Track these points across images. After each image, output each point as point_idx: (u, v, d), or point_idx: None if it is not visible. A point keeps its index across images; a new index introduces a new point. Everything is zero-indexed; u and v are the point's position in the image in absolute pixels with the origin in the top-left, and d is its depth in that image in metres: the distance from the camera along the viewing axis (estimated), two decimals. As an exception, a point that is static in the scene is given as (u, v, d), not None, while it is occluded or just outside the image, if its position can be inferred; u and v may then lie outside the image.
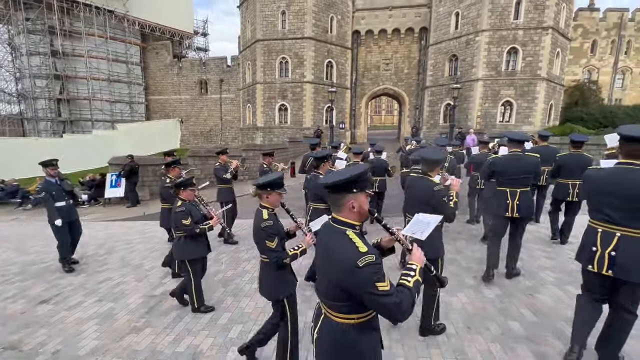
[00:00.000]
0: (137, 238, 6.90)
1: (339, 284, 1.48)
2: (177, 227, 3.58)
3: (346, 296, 1.49)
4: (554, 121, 23.74)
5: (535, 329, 3.08)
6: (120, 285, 4.56)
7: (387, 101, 65.37)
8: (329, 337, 1.58)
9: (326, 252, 1.58)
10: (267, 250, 2.48)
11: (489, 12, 21.45)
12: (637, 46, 28.72)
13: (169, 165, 4.98)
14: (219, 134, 34.23)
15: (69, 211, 5.19)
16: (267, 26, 24.95)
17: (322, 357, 1.63)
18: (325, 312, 1.62)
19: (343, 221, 1.56)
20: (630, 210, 2.24)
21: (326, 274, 1.57)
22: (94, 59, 29.50)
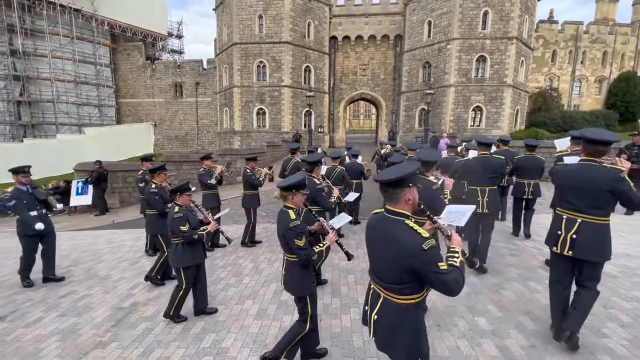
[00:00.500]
0: (104, 248, 6.57)
1: (406, 266, 1.66)
2: (174, 233, 3.46)
3: (411, 277, 1.69)
4: (520, 125, 25.16)
5: (499, 324, 3.24)
6: (85, 299, 4.31)
7: (365, 105, 66.48)
8: (392, 316, 1.78)
9: (387, 240, 1.74)
10: (297, 249, 2.53)
11: (458, 21, 22.50)
12: (591, 56, 31.13)
13: (154, 171, 4.71)
14: (195, 138, 33.37)
15: (43, 222, 4.75)
16: (244, 30, 24.77)
17: (384, 334, 1.82)
18: (384, 296, 1.81)
19: (398, 212, 1.76)
20: (590, 199, 2.60)
21: (388, 261, 1.74)
22: (59, 60, 27.94)
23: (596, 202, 2.60)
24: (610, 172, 2.55)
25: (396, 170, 1.80)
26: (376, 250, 1.85)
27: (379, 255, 1.83)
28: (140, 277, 4.93)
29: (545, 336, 3.00)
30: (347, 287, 4.25)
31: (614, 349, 2.78)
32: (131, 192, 11.09)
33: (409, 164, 1.95)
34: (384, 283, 1.80)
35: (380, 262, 1.83)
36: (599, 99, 31.64)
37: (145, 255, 5.99)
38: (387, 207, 1.81)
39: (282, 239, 2.61)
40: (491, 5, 22.08)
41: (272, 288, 4.33)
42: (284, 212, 2.60)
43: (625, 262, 4.55)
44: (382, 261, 1.81)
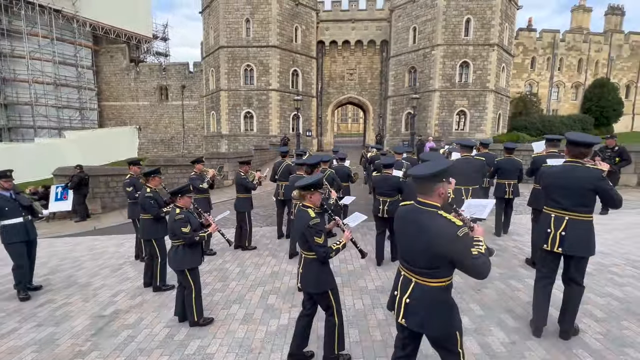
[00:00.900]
0: (85, 255, 6.37)
1: (441, 252, 1.80)
2: (176, 235, 3.45)
3: (444, 263, 1.84)
4: (502, 129, 25.93)
5: (481, 322, 3.33)
6: (64, 307, 4.17)
7: (352, 109, 67.10)
8: (425, 298, 1.91)
9: (422, 230, 1.87)
10: (316, 246, 2.60)
11: (442, 28, 23.10)
12: (568, 63, 32.51)
13: (149, 174, 4.60)
14: (181, 142, 32.82)
15: (27, 229, 4.53)
16: (231, 33, 24.66)
17: (417, 316, 1.93)
18: (415, 280, 1.94)
19: (431, 204, 1.90)
20: (576, 198, 2.77)
21: (423, 248, 1.87)
22: (38, 61, 27.04)
23: (581, 200, 2.77)
24: (593, 172, 2.74)
25: (432, 165, 1.94)
26: (409, 239, 1.97)
27: (412, 243, 1.94)
28: (122, 284, 4.81)
29: (525, 333, 3.09)
30: (334, 290, 4.26)
31: (589, 344, 2.89)
32: (114, 198, 10.80)
33: (443, 160, 2.16)
34: (416, 269, 1.94)
35: (413, 250, 1.95)
36: (576, 104, 33.01)
37: (128, 261, 5.85)
38: (419, 199, 1.96)
39: (301, 237, 2.67)
40: (473, 13, 22.79)
41: (258, 292, 4.30)
42: (303, 210, 2.67)
43: (599, 259, 4.74)
44: (415, 249, 1.93)
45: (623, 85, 33.95)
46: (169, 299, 4.24)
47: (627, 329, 3.08)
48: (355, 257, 5.38)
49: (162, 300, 4.24)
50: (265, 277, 4.81)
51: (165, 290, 4.51)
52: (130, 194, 5.49)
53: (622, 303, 3.54)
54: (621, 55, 33.85)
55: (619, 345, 2.85)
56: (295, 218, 2.77)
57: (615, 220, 6.70)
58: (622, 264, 4.57)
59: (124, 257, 6.06)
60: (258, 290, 4.37)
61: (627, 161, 7.33)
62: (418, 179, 1.95)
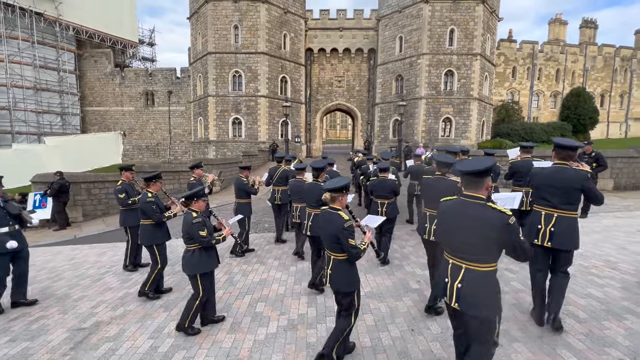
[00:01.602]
0: (64, 265, 6.11)
1: (495, 238, 2.03)
2: (193, 239, 3.41)
3: (495, 248, 2.07)
4: (486, 136, 26.68)
5: (469, 325, 3.36)
6: (40, 321, 3.97)
7: (341, 116, 67.76)
8: (476, 282, 2.09)
9: (475, 220, 2.08)
10: (349, 247, 2.67)
11: (428, 37, 23.76)
12: (547, 73, 33.92)
13: (150, 179, 4.49)
14: (167, 148, 32.26)
15: (15, 239, 4.26)
16: (220, 39, 24.62)
17: (470, 297, 2.09)
18: (465, 267, 2.13)
19: (478, 197, 2.13)
20: (564, 197, 3.03)
21: (477, 236, 2.07)
22: (17, 65, 26.20)
23: (569, 198, 3.04)
24: (580, 173, 3.03)
25: (481, 162, 2.16)
26: (461, 229, 2.16)
27: (465, 233, 2.13)
28: (103, 295, 4.62)
29: (511, 335, 3.13)
30: (322, 296, 4.23)
31: (572, 344, 2.96)
32: (96, 205, 10.46)
33: (488, 158, 2.42)
34: (468, 256, 2.13)
35: (465, 239, 2.14)
36: (555, 111, 34.37)
37: (110, 271, 5.64)
38: (467, 193, 2.17)
39: (332, 239, 2.72)
40: (457, 23, 23.56)
41: (246, 300, 4.22)
42: (334, 213, 2.74)
43: (581, 261, 4.89)
44: (469, 238, 2.12)
45: (598, 95, 35.62)
46: (153, 309, 4.10)
47: (608, 329, 3.17)
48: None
49: (146, 310, 4.10)
50: (254, 284, 4.73)
51: (151, 299, 4.37)
52: (123, 200, 5.33)
53: (602, 304, 3.65)
54: (595, 66, 35.59)
55: (601, 345, 2.92)
56: (323, 221, 2.82)
57: (594, 224, 6.94)
58: (601, 265, 4.72)
59: (106, 267, 5.84)
60: (246, 298, 4.29)
61: (603, 166, 7.63)
62: (469, 174, 2.14)
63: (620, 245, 5.53)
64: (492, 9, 24.76)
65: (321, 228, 2.86)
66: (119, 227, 9.03)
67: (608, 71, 36.00)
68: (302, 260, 5.63)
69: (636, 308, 3.52)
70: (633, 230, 6.41)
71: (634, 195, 9.91)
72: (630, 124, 37.66)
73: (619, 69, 36.34)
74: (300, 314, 3.79)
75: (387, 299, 4.01)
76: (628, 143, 18.77)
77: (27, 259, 4.49)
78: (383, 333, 3.31)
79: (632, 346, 2.89)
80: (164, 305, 4.20)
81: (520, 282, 4.27)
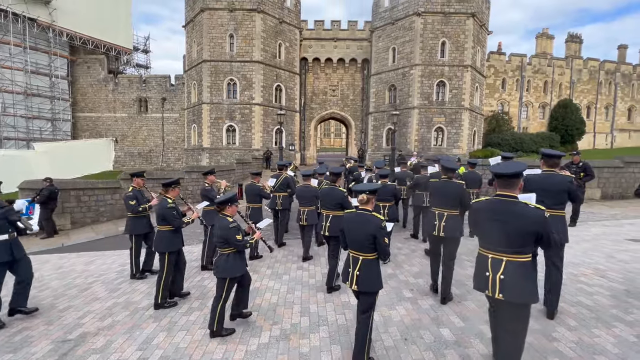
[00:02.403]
0: (50, 274, 5.94)
1: (534, 232, 2.32)
2: (229, 243, 3.51)
3: (533, 240, 2.35)
4: (477, 145, 27.12)
5: (462, 334, 3.36)
6: (24, 332, 3.84)
7: (335, 125, 68.31)
8: (517, 271, 2.33)
9: (515, 216, 2.34)
10: (385, 246, 2.82)
11: (420, 49, 24.29)
12: (535, 85, 34.86)
13: (169, 185, 4.48)
14: (160, 155, 31.98)
15: (13, 247, 4.12)
16: (215, 47, 24.76)
17: (513, 285, 2.32)
18: (506, 259, 2.37)
19: (513, 195, 2.42)
20: (555, 198, 3.48)
21: (517, 231, 2.33)
22: (8, 70, 25.88)
23: (558, 199, 3.51)
24: (565, 177, 3.60)
25: (515, 165, 2.49)
26: (501, 224, 2.38)
27: (504, 228, 2.37)
28: (90, 305, 4.50)
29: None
30: (316, 306, 4.19)
31: (564, 352, 2.98)
32: (85, 213, 10.26)
33: (519, 163, 2.79)
34: (509, 249, 2.37)
35: (504, 233, 2.37)
36: (544, 122, 35.21)
37: (98, 280, 5.51)
38: (502, 192, 2.44)
39: (369, 239, 2.83)
40: (448, 36, 24.18)
41: (238, 310, 4.15)
42: (369, 215, 2.90)
43: (571, 270, 4.96)
44: (507, 232, 2.36)
45: (584, 106, 36.68)
46: (142, 319, 4.01)
47: (597, 336, 3.21)
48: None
49: (135, 321, 4.00)
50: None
51: (169, 307, 4.30)
52: (134, 207, 5.26)
53: (592, 311, 3.70)
54: (581, 78, 36.74)
55: (591, 353, 2.95)
56: (358, 222, 2.92)
57: (583, 232, 7.07)
58: (590, 274, 4.80)
59: (94, 276, 5.71)
60: (238, 307, 4.22)
61: (590, 176, 7.81)
62: (505, 176, 2.44)
63: (608, 254, 5.63)
64: (482, 22, 25.51)
65: (356, 229, 2.89)
66: (109, 236, 8.89)
67: (593, 84, 37.17)
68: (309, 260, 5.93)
69: (625, 316, 3.57)
70: (620, 239, 6.54)
71: (621, 204, 10.14)
72: (616, 135, 38.75)
73: (603, 82, 37.56)
74: (293, 324, 3.75)
75: (380, 308, 4.00)
76: (614, 153, 19.28)
77: (28, 266, 4.34)
78: (376, 342, 3.29)
79: (621, 354, 2.92)
80: (153, 316, 4.11)
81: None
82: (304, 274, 5.30)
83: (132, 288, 5.07)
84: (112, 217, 10.65)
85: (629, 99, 38.93)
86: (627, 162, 10.99)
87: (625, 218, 8.39)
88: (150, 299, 4.57)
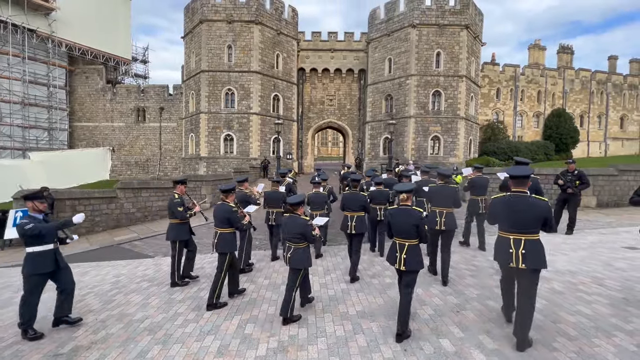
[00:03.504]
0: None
1: (543, 218, 3.14)
2: (307, 238, 4.14)
3: (540, 223, 3.16)
4: (473, 154, 27.36)
5: (462, 344, 3.32)
6: (14, 346, 3.73)
7: (332, 134, 68.69)
8: (535, 247, 3.14)
9: (531, 206, 3.16)
10: (426, 232, 3.69)
11: (415, 60, 24.72)
12: (529, 94, 35.47)
13: (228, 191, 4.83)
14: (157, 164, 31.90)
15: (57, 256, 4.03)
16: (213, 58, 25.04)
17: (532, 257, 3.10)
18: (525, 238, 3.14)
19: (525, 191, 3.23)
20: None
21: (532, 217, 3.14)
22: (6, 80, 25.95)
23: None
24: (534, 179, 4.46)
25: (525, 170, 3.37)
26: (519, 214, 3.17)
27: (522, 215, 3.16)
28: (84, 317, 4.40)
29: (504, 355, 3.11)
30: (314, 316, 4.13)
31: (564, 362, 2.95)
32: (81, 223, 10.13)
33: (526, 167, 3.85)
34: (525, 230, 3.15)
35: (522, 219, 3.16)
36: (538, 131, 35.69)
37: (92, 292, 5.40)
38: (516, 189, 3.25)
39: (413, 228, 3.54)
40: (442, 47, 24.66)
41: (235, 321, 4.08)
42: (410, 209, 3.62)
43: (569, 278, 4.95)
44: (526, 218, 3.15)
45: (577, 115, 37.29)
46: (136, 332, 3.93)
47: (598, 346, 3.18)
48: (336, 281, 5.30)
49: (129, 334, 3.92)
50: (243, 304, 4.60)
51: (220, 307, 4.47)
52: (181, 214, 5.32)
53: (591, 320, 3.68)
54: (573, 88, 37.47)
55: (591, 363, 2.91)
56: (403, 215, 3.61)
57: (580, 240, 7.09)
58: (588, 282, 4.79)
59: (88, 287, 5.60)
60: (235, 319, 4.15)
61: (586, 184, 7.88)
62: (519, 177, 3.25)
63: (605, 262, 5.64)
64: (476, 34, 26.08)
65: (401, 221, 3.61)
66: (104, 246, 8.78)
67: (585, 93, 37.89)
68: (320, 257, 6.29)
69: (624, 325, 3.55)
70: (617, 246, 6.56)
71: (616, 212, 10.21)
72: (609, 143, 39.31)
73: (595, 92, 38.30)
74: (290, 335, 3.69)
75: (379, 318, 3.95)
76: (608, 161, 19.54)
77: (70, 274, 4.26)
78: (375, 354, 3.24)
79: (622, 364, 2.89)
80: (148, 329, 4.03)
81: (511, 300, 4.28)
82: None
83: (127, 300, 4.98)
84: (107, 227, 10.53)
85: (621, 108, 39.67)
86: (621, 170, 11.12)
87: (621, 225, 8.43)
88: (144, 311, 4.49)
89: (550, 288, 4.60)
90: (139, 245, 8.79)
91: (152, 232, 10.05)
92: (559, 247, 6.64)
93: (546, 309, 3.96)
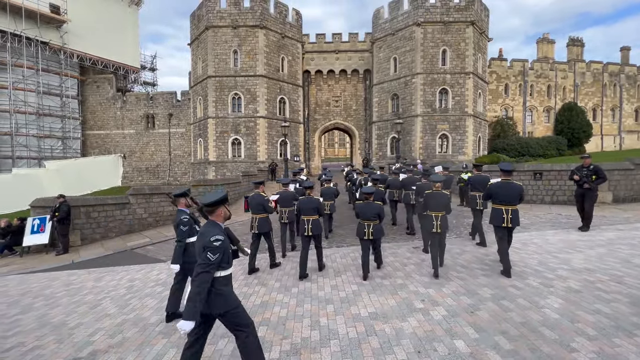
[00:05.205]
0: (61, 291, 5.98)
1: (520, 194, 5.16)
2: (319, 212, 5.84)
3: (520, 198, 5.18)
4: (483, 151, 26.96)
5: (477, 345, 3.27)
6: (35, 351, 3.84)
7: (339, 135, 68.67)
8: (515, 213, 5.16)
9: (514, 188, 5.16)
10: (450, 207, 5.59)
11: (421, 58, 24.54)
12: (538, 89, 34.78)
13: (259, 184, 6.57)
14: (167, 169, 32.41)
15: None
16: (219, 63, 25.36)
17: (514, 219, 5.17)
18: (511, 208, 5.14)
19: (511, 179, 5.33)
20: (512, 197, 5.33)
21: (516, 194, 5.14)
22: (21, 92, 26.80)
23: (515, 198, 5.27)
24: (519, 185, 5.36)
25: (510, 165, 5.43)
26: (509, 191, 5.13)
27: (510, 193, 5.12)
28: (101, 322, 4.51)
29: (521, 356, 3.05)
30: (326, 318, 4.13)
31: (584, 363, 2.87)
32: (95, 229, 10.37)
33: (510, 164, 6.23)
34: (512, 203, 5.12)
35: (510, 195, 5.11)
36: (549, 126, 34.95)
37: (108, 296, 5.52)
38: (505, 178, 5.26)
39: (446, 205, 5.40)
40: (448, 44, 24.43)
41: (248, 324, 4.10)
42: (444, 194, 5.43)
43: (586, 276, 4.83)
44: (511, 194, 5.11)
45: (589, 109, 36.39)
46: (152, 336, 3.99)
47: (619, 346, 3.09)
48: (347, 283, 5.29)
49: (145, 337, 3.99)
50: (255, 307, 4.62)
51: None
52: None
53: (611, 320, 3.57)
54: (585, 81, 36.59)
55: (613, 364, 2.84)
56: (438, 198, 5.40)
57: (597, 237, 6.91)
58: (606, 280, 4.66)
59: (104, 292, 5.73)
60: (247, 322, 4.18)
61: (602, 179, 7.67)
62: (507, 171, 5.25)
63: (624, 259, 5.48)
64: (482, 30, 25.75)
65: (436, 202, 5.33)
66: (118, 251, 8.96)
67: (598, 86, 36.96)
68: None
69: (646, 324, 3.44)
70: (636, 242, 6.37)
71: (633, 207, 9.91)
72: (624, 137, 38.23)
73: (608, 84, 37.33)
74: (303, 338, 3.70)
75: (392, 320, 3.92)
76: (623, 155, 18.98)
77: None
78: (389, 356, 3.22)
79: (645, 364, 2.81)
80: (163, 332, 4.09)
81: (527, 299, 4.20)
82: (312, 286, 5.25)
83: (142, 304, 5.07)
84: (120, 233, 10.74)
85: (635, 100, 38.55)
86: (637, 164, 10.79)
87: (639, 221, 8.18)
88: (159, 314, 4.56)
89: (567, 287, 4.50)
90: (152, 250, 8.93)
91: (164, 236, 10.20)
92: (574, 244, 6.48)
93: (563, 308, 3.87)
